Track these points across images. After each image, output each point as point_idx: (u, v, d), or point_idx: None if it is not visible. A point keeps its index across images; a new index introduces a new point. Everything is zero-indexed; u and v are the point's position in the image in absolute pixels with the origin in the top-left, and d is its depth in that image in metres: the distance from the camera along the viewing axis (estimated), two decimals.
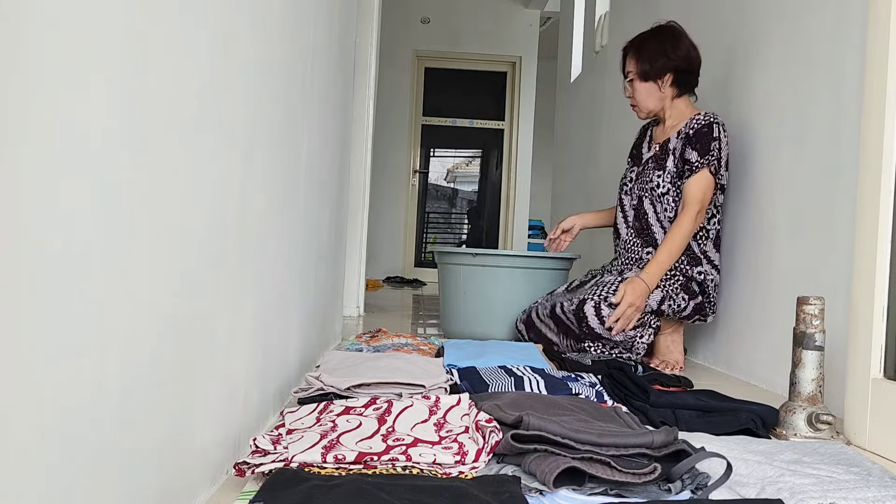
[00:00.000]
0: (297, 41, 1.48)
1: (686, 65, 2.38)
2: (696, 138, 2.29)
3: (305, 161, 1.61)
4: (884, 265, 1.44)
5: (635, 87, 2.44)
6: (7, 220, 0.50)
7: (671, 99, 2.41)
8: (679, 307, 2.29)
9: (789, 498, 0.97)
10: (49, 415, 0.57)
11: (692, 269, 2.32)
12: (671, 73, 2.37)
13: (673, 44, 2.38)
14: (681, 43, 2.38)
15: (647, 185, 2.40)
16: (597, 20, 4.65)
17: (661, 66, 2.37)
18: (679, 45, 2.38)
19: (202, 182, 0.91)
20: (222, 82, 0.98)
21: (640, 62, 2.41)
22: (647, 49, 2.40)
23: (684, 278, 2.31)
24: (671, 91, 2.40)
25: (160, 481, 0.81)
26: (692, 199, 2.27)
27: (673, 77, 2.38)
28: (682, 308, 2.30)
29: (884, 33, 1.46)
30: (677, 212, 2.33)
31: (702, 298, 2.31)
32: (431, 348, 2.09)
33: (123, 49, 0.67)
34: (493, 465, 1.08)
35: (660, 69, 2.38)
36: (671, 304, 2.28)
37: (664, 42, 2.38)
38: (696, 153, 2.28)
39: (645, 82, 2.41)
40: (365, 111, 3.43)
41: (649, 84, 2.40)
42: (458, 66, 7.37)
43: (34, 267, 0.54)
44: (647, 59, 2.39)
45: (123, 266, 0.69)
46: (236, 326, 1.10)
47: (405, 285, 6.26)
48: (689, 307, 2.30)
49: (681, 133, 2.35)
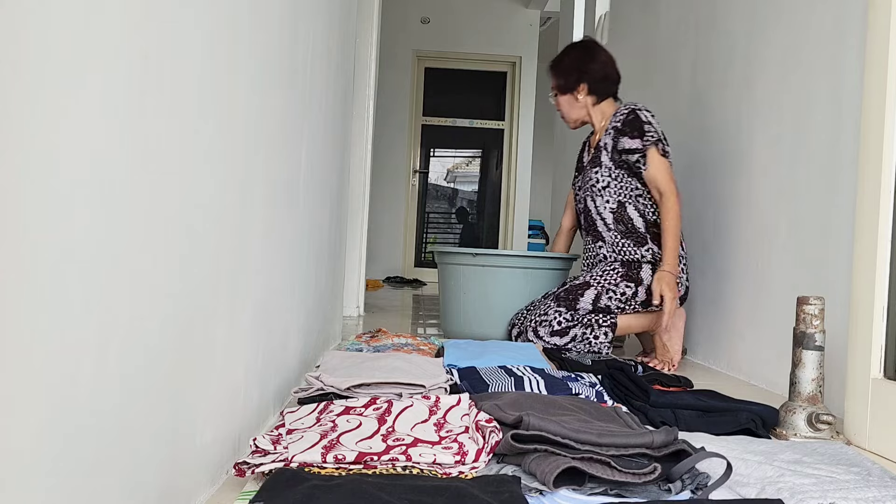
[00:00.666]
0: (298, 41, 1.48)
1: (600, 74, 2.59)
2: (625, 127, 2.46)
3: (305, 161, 1.61)
4: (884, 265, 1.44)
5: (558, 101, 2.69)
6: (7, 219, 0.50)
7: (592, 105, 2.62)
8: (624, 297, 2.38)
9: (789, 498, 0.97)
10: (49, 415, 0.57)
11: (636, 252, 2.43)
12: (585, 83, 2.59)
13: (584, 57, 2.61)
14: (593, 56, 2.62)
15: (588, 184, 2.56)
16: (597, 20, 4.64)
17: (574, 79, 2.61)
18: (592, 58, 2.61)
19: (202, 182, 0.91)
20: (222, 82, 0.98)
21: (557, 77, 2.67)
22: (562, 65, 2.65)
23: (623, 268, 2.42)
24: (590, 99, 2.61)
25: (160, 481, 0.81)
26: (664, 187, 2.39)
27: (588, 87, 2.59)
28: (629, 297, 2.38)
29: (884, 33, 1.46)
30: (619, 202, 2.47)
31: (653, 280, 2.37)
32: (431, 348, 2.09)
33: (123, 46, 0.67)
34: (493, 465, 1.08)
35: (574, 82, 2.61)
36: (611, 297, 2.39)
37: (576, 57, 2.63)
38: (636, 140, 2.42)
39: (564, 95, 2.65)
40: (365, 111, 3.43)
41: (568, 96, 2.64)
42: (458, 66, 7.37)
43: (34, 266, 0.54)
44: (562, 74, 2.64)
45: (123, 266, 0.69)
46: (236, 326, 1.10)
47: (405, 285, 6.26)
48: (638, 293, 2.39)
49: (608, 129, 2.53)
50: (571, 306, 2.40)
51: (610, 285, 2.40)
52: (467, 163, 8.27)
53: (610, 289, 2.40)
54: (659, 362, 2.33)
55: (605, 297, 2.39)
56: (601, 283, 2.41)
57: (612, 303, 2.39)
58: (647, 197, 2.46)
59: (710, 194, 2.55)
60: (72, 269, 0.59)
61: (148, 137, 0.73)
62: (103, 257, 0.65)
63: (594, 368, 1.87)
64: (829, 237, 1.79)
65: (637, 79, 3.58)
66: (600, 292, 2.40)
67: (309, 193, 1.69)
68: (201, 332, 0.93)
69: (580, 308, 2.39)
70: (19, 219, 0.52)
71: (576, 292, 2.42)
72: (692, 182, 2.72)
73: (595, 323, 2.38)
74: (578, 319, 2.39)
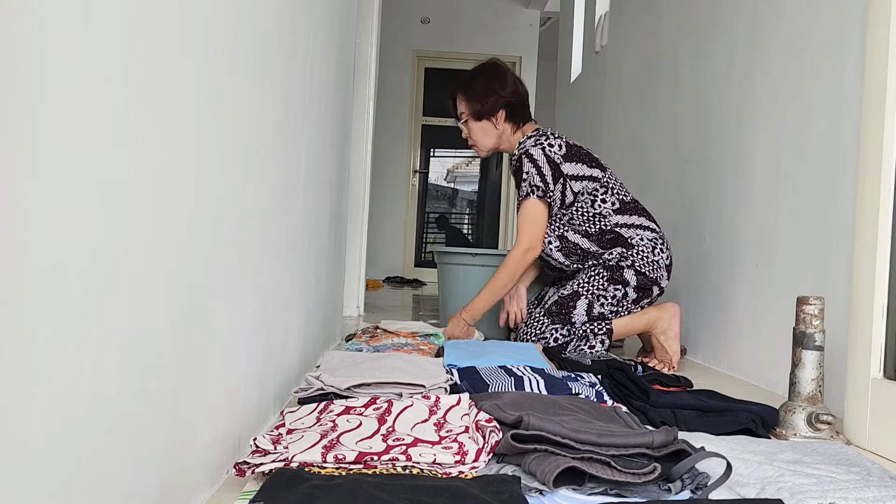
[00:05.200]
0: (298, 41, 1.48)
1: (516, 99, 2.49)
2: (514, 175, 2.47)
3: (305, 161, 1.61)
4: (884, 265, 1.44)
5: (470, 128, 2.54)
6: (7, 219, 0.50)
7: (511, 133, 2.52)
8: (615, 300, 2.35)
9: (789, 498, 0.97)
10: (48, 415, 0.57)
11: (610, 258, 2.39)
12: (503, 108, 2.48)
13: (499, 81, 2.48)
14: (507, 79, 2.50)
15: None
16: (597, 20, 4.64)
17: (492, 103, 2.47)
18: (505, 81, 2.49)
19: (202, 182, 0.91)
20: (222, 82, 0.98)
21: (471, 102, 2.51)
22: (475, 89, 2.50)
23: (607, 271, 2.38)
24: (507, 126, 2.51)
25: (160, 481, 0.81)
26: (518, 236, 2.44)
27: (505, 113, 2.49)
28: (619, 298, 2.35)
29: (884, 33, 1.46)
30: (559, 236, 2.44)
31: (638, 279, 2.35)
32: (431, 348, 2.10)
33: (123, 47, 0.67)
34: (493, 465, 1.08)
35: (491, 107, 2.48)
36: (603, 303, 2.35)
37: (490, 80, 2.49)
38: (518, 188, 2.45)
39: (479, 121, 2.51)
40: (365, 111, 3.43)
41: (484, 122, 2.51)
42: (459, 66, 7.36)
43: (33, 266, 0.54)
44: (478, 98, 2.49)
45: (123, 265, 0.69)
46: (236, 326, 1.10)
47: (405, 285, 6.26)
48: (628, 294, 2.35)
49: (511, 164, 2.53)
50: (566, 320, 2.36)
51: (599, 291, 2.36)
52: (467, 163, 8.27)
53: (600, 295, 2.35)
54: (659, 363, 2.33)
55: (598, 304, 2.35)
56: (590, 291, 2.36)
57: (605, 309, 2.35)
58: (577, 211, 2.41)
59: (710, 194, 2.54)
60: (72, 269, 0.59)
61: (147, 138, 0.73)
62: (103, 257, 0.65)
63: (594, 368, 1.87)
64: (829, 237, 1.79)
65: (637, 79, 3.58)
66: (592, 301, 2.35)
67: (309, 193, 1.68)
68: (201, 332, 0.93)
69: (575, 321, 2.35)
70: (19, 219, 0.52)
71: (567, 305, 2.37)
72: (692, 182, 2.72)
73: (591, 332, 2.34)
74: (575, 333, 2.35)
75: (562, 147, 2.42)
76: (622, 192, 2.44)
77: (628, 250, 2.38)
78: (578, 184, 2.41)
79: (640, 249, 2.37)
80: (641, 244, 2.38)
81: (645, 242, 2.38)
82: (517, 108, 2.51)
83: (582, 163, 2.43)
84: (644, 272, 2.36)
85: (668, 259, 2.40)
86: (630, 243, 2.38)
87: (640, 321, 2.39)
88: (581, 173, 2.41)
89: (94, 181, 0.62)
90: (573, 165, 2.41)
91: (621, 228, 2.40)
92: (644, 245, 2.38)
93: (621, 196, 2.43)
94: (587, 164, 2.43)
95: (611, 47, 4.16)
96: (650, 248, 2.37)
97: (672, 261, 2.44)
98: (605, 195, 2.41)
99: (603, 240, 2.40)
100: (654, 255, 2.37)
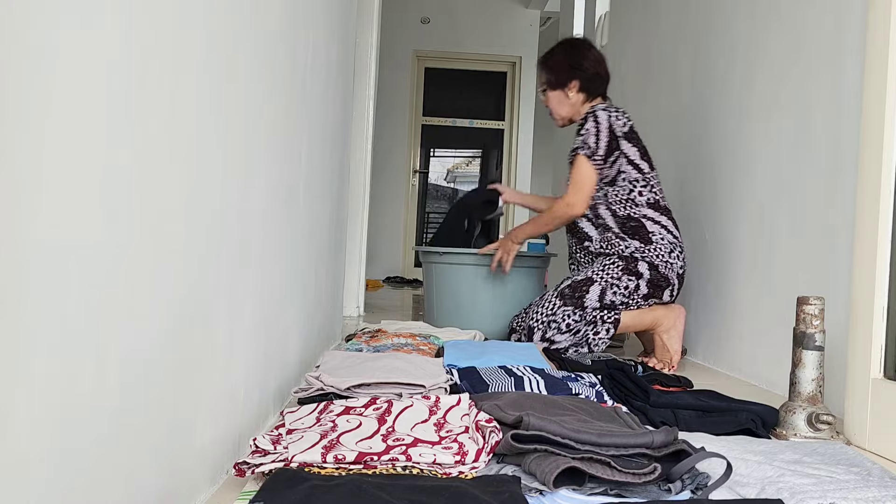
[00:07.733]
0: (297, 41, 1.48)
1: (590, 73, 2.59)
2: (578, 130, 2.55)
3: (305, 161, 1.61)
4: (884, 265, 1.44)
5: (548, 96, 2.68)
6: (7, 218, 0.50)
7: (581, 104, 2.61)
8: (628, 290, 2.38)
9: (789, 498, 0.97)
10: (48, 415, 0.57)
11: (626, 248, 2.42)
12: (576, 80, 2.57)
13: (576, 53, 2.61)
14: (582, 53, 2.61)
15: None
16: (597, 20, 4.65)
17: (566, 75, 2.59)
18: (581, 55, 2.60)
19: (202, 182, 0.91)
20: (222, 82, 0.98)
21: (548, 72, 2.64)
22: (553, 61, 2.64)
23: (622, 261, 2.42)
24: (579, 97, 2.60)
25: (160, 481, 0.81)
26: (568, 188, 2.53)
27: (579, 84, 2.57)
28: (632, 290, 2.38)
29: (884, 34, 1.46)
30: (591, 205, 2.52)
31: (651, 273, 2.38)
32: (431, 348, 2.09)
33: (124, 45, 0.67)
34: (493, 465, 1.07)
35: (565, 78, 2.59)
36: (616, 291, 2.39)
37: (568, 53, 2.63)
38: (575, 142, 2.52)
39: (554, 91, 2.63)
40: (365, 111, 3.43)
41: (558, 92, 2.62)
42: (458, 66, 7.37)
43: (33, 266, 0.54)
44: (553, 69, 2.62)
45: (123, 265, 0.69)
46: (236, 326, 1.10)
47: (405, 285, 6.26)
48: (640, 287, 2.38)
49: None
50: (579, 304, 2.40)
51: (613, 280, 2.40)
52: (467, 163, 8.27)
53: (614, 283, 2.40)
54: (659, 362, 2.33)
55: (610, 291, 2.39)
56: (604, 278, 2.41)
57: (616, 298, 2.39)
58: (615, 193, 2.47)
59: (710, 194, 2.54)
60: (72, 268, 0.59)
61: (147, 138, 0.73)
62: (103, 256, 0.65)
63: (594, 368, 1.87)
64: (829, 237, 1.79)
65: (637, 79, 3.58)
66: (605, 287, 2.40)
67: (309, 193, 1.68)
68: (201, 331, 0.93)
69: (588, 306, 2.40)
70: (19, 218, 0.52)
71: (581, 289, 2.41)
72: (692, 182, 2.72)
73: (599, 319, 2.38)
74: (584, 318, 2.40)
75: (626, 125, 2.49)
76: (659, 195, 2.49)
77: (646, 245, 2.40)
78: (627, 165, 2.46)
79: (658, 247, 2.40)
80: (661, 243, 2.41)
81: (664, 243, 2.41)
82: (591, 82, 2.59)
83: (638, 149, 2.49)
84: (657, 267, 2.38)
85: (681, 267, 2.43)
86: (650, 239, 2.41)
87: (648, 317, 2.41)
88: (633, 158, 2.47)
89: (95, 181, 0.62)
90: (630, 147, 2.47)
91: (647, 221, 2.43)
92: (663, 245, 2.40)
93: (657, 197, 2.48)
94: (641, 154, 2.49)
95: (611, 47, 4.16)
96: (668, 250, 2.40)
97: (685, 272, 2.46)
98: (644, 189, 2.46)
99: (627, 226, 2.44)
100: (671, 257, 2.40)
